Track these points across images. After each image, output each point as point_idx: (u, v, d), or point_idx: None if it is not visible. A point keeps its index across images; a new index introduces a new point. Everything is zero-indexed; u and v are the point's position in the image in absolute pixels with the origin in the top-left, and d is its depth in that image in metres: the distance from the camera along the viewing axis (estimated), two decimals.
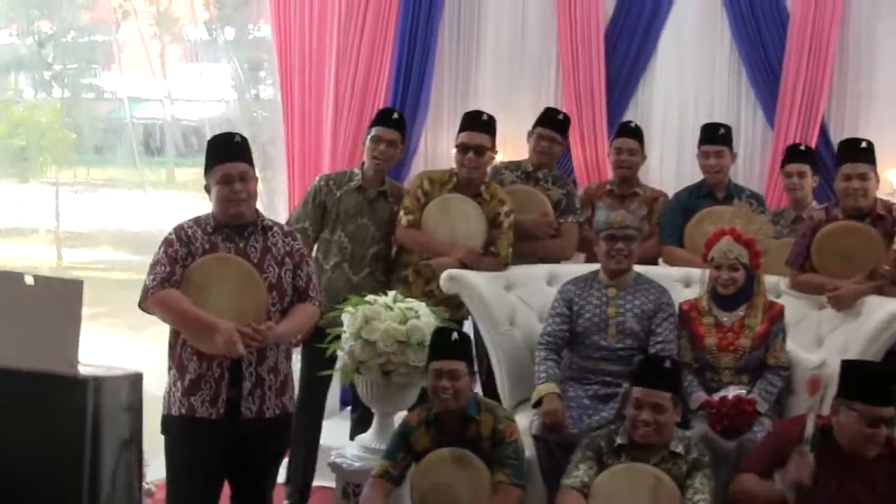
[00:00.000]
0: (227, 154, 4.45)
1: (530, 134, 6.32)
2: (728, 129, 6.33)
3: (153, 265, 4.41)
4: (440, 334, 4.69)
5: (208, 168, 4.48)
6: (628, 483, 4.39)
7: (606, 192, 6.41)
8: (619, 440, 4.51)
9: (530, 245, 6.05)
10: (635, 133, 6.46)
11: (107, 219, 8.21)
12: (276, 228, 4.58)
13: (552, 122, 6.29)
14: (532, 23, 7.63)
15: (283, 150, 7.66)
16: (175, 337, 4.47)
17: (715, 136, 6.25)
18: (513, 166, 6.33)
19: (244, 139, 4.54)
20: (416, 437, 4.63)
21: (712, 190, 6.25)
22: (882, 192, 6.20)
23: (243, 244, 4.45)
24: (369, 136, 5.92)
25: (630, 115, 7.24)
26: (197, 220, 4.51)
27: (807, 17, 7.02)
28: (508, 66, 7.65)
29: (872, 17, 7.15)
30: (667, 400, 4.44)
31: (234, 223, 4.45)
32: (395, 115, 6.02)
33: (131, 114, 7.88)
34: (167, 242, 4.44)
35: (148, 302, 4.39)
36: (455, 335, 4.64)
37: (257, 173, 4.64)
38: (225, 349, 4.19)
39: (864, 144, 5.53)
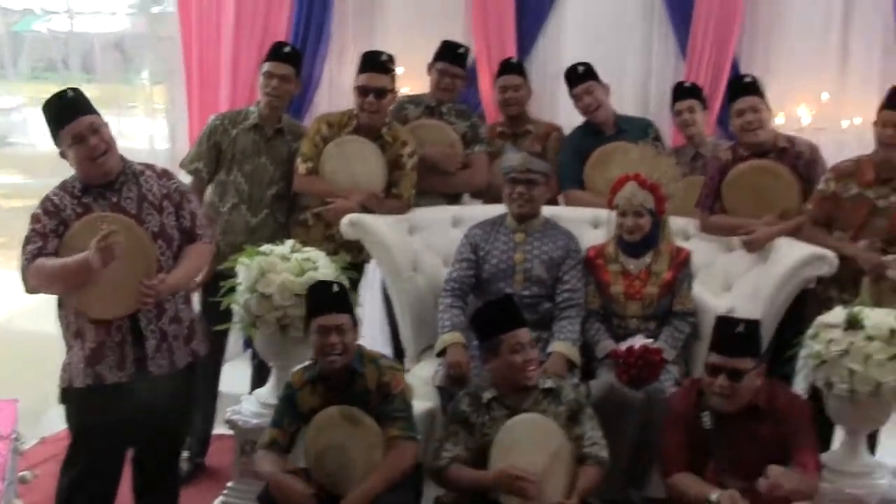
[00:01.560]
0: (69, 113, 4.20)
1: (430, 68, 6.14)
2: (587, 65, 6.14)
3: (23, 245, 4.22)
4: (320, 287, 4.46)
5: (55, 136, 4.25)
6: (530, 434, 4.28)
7: (498, 133, 6.30)
8: (486, 395, 4.40)
9: (440, 179, 5.93)
10: (517, 68, 6.33)
11: (6, 140, 7.91)
12: (147, 172, 4.40)
13: (452, 56, 6.11)
14: None
15: (182, 85, 7.34)
16: (65, 309, 4.32)
17: (577, 76, 6.10)
18: (416, 100, 6.16)
19: (78, 91, 4.29)
20: (301, 399, 4.43)
21: (600, 127, 6.12)
22: (791, 129, 6.16)
23: (117, 198, 4.27)
24: (262, 72, 5.71)
25: (540, 49, 7.05)
26: (63, 186, 4.31)
27: None
28: None
29: None
30: (529, 335, 4.41)
31: (103, 181, 4.25)
32: (288, 49, 5.80)
33: (29, 28, 7.56)
34: (34, 218, 4.24)
35: (27, 281, 4.22)
36: (335, 287, 4.43)
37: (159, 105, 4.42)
38: (100, 259, 3.97)
39: (748, 79, 5.61)
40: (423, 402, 4.87)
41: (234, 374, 6.14)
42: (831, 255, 5.03)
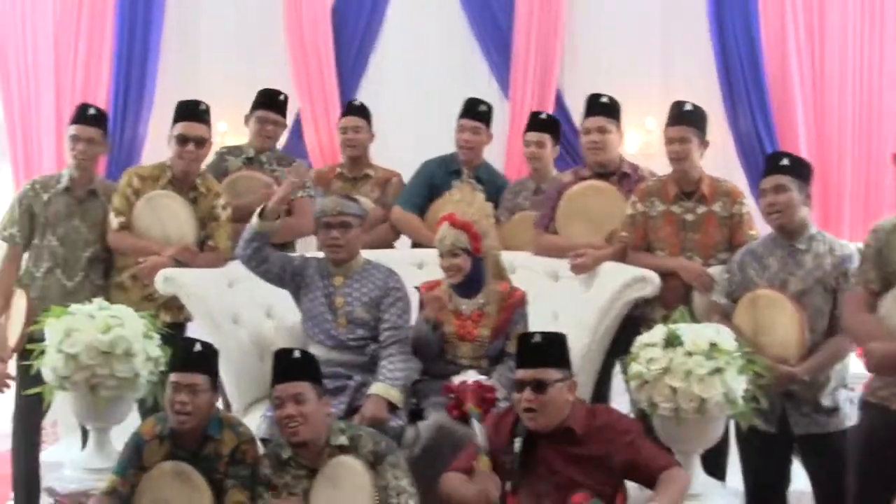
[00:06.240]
0: None
1: (248, 118, 6.10)
2: (489, 106, 6.12)
3: None
4: (183, 344, 4.40)
5: None
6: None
7: (337, 175, 6.25)
8: (284, 454, 4.28)
9: None
10: (360, 111, 6.29)
11: None
12: None
13: (272, 103, 6.08)
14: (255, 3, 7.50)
15: (8, 154, 7.31)
16: None
17: (475, 111, 6.05)
18: (236, 151, 6.11)
19: None
20: (148, 451, 4.30)
21: (461, 168, 6.08)
22: None
23: None
24: (68, 136, 5.57)
25: (363, 93, 7.12)
26: None
27: None
28: (236, 50, 7.43)
29: None
30: (307, 389, 4.21)
31: None
32: (92, 111, 5.65)
33: None
34: None
35: None
36: (199, 346, 4.32)
37: None
38: None
39: (604, 99, 5.53)
40: None
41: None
42: (652, 275, 5.05)
